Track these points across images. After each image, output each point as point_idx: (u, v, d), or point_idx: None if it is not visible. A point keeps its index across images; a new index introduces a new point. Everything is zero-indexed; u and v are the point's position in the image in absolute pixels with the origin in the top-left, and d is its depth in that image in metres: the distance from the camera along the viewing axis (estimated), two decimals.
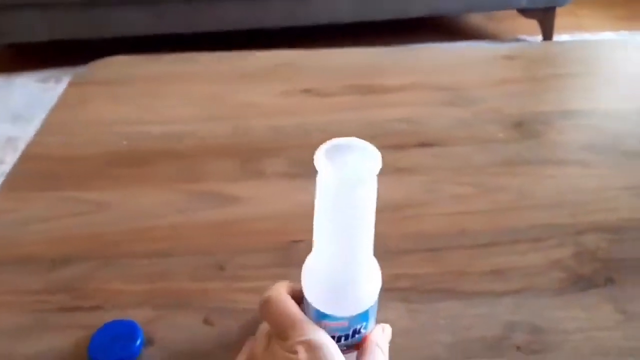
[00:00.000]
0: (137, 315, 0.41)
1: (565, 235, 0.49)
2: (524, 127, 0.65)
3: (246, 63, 0.82)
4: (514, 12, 2.06)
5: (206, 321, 0.42)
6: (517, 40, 2.08)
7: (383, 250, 0.36)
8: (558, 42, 0.83)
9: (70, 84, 0.74)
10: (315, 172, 0.29)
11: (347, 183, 0.28)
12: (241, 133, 0.64)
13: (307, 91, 0.73)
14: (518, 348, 0.40)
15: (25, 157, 0.60)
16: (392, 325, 0.38)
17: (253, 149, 0.61)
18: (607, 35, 2.12)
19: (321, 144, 0.29)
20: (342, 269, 0.33)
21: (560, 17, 2.12)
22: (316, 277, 0.34)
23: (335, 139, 0.30)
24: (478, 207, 0.53)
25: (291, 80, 0.75)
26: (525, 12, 1.97)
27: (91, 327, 0.40)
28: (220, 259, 0.47)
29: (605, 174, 0.58)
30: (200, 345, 0.40)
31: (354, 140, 0.30)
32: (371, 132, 0.64)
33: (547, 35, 2.00)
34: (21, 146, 1.39)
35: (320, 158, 0.29)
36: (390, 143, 0.62)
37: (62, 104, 0.69)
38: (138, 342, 0.39)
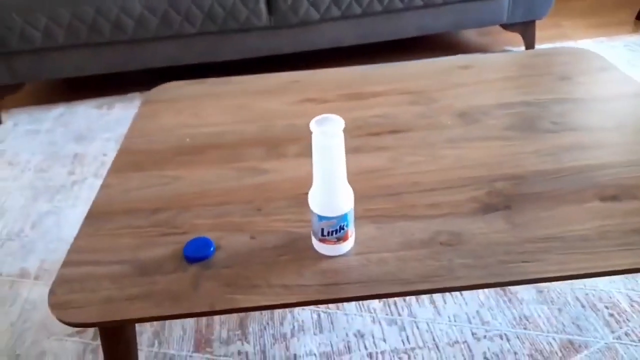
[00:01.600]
0: (210, 235, 0.68)
1: (483, 183, 0.75)
2: (467, 116, 0.91)
3: (267, 82, 1.10)
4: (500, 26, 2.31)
5: (251, 237, 0.68)
6: (504, 52, 2.33)
7: (361, 196, 0.62)
8: (508, 54, 1.03)
9: (143, 103, 1.03)
10: (312, 135, 0.55)
11: (326, 135, 0.55)
12: (266, 130, 0.92)
13: (311, 100, 1.00)
14: (441, 243, 0.65)
15: (121, 152, 0.88)
16: (365, 235, 0.64)
17: (275, 140, 0.89)
18: (585, 42, 2.35)
19: (315, 117, 0.56)
20: (329, 188, 0.59)
21: (545, 29, 2.37)
22: (316, 196, 0.60)
23: (320, 115, 0.57)
24: (426, 168, 0.79)
25: (300, 93, 1.03)
26: (507, 26, 2.23)
27: (182, 243, 0.67)
28: (258, 204, 0.74)
29: (519, 144, 0.83)
30: (248, 249, 0.66)
31: (330, 115, 0.57)
32: (357, 125, 0.91)
33: (530, 46, 2.25)
34: (87, 160, 1.70)
35: (312, 124, 0.55)
36: (370, 132, 0.89)
37: (139, 116, 0.98)
38: (212, 248, 0.66)
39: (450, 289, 0.58)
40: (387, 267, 0.62)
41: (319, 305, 1.01)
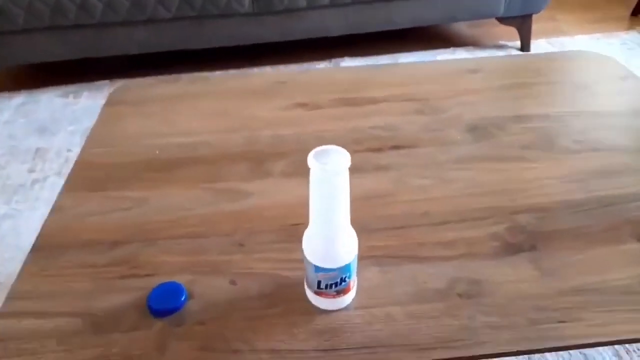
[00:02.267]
0: (180, 279, 0.56)
1: (502, 215, 0.64)
2: (478, 131, 0.80)
3: (250, 81, 0.97)
4: (494, 19, 2.21)
5: (232, 282, 0.57)
6: (498, 46, 2.23)
7: (361, 229, 0.51)
8: (518, 55, 0.95)
9: (106, 105, 0.89)
10: (309, 171, 0.44)
11: (329, 174, 0.43)
12: (250, 142, 0.79)
13: (302, 105, 0.88)
14: (459, 295, 0.55)
15: (77, 165, 0.75)
16: (368, 282, 0.53)
17: (261, 154, 0.76)
18: (581, 38, 2.27)
19: (315, 149, 0.44)
20: (329, 234, 0.48)
21: (541, 22, 2.27)
22: (313, 242, 0.49)
23: (320, 146, 0.45)
24: (435, 194, 0.68)
25: (289, 97, 0.90)
26: (503, 20, 2.13)
27: (146, 289, 0.55)
28: (240, 239, 0.62)
29: (540, 167, 0.73)
30: (227, 299, 0.55)
31: (332, 147, 0.45)
32: (355, 138, 0.79)
33: (525, 40, 2.16)
34: (49, 156, 1.54)
35: (310, 159, 0.44)
36: (370, 146, 0.77)
37: (100, 121, 0.84)
38: (183, 297, 0.54)
39: (474, 359, 0.49)
40: (396, 327, 0.51)
41: None
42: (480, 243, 0.60)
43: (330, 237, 0.48)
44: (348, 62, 2.00)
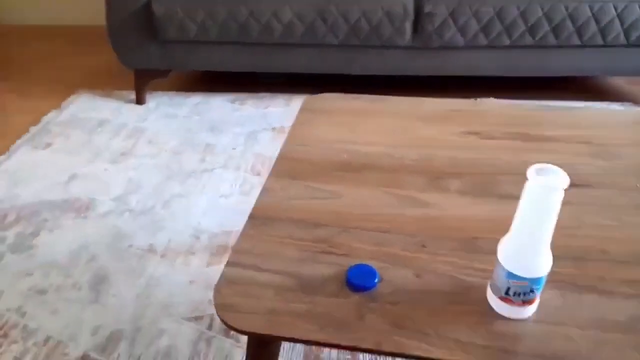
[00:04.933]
0: (372, 264, 0.65)
1: None
2: None
3: (422, 107, 1.06)
4: None
5: (416, 275, 0.64)
6: None
7: None
8: None
9: (301, 110, 1.03)
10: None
11: (547, 189, 0.49)
12: (427, 159, 0.87)
13: (475, 133, 0.94)
14: None
15: (281, 157, 0.88)
16: (548, 302, 0.57)
17: (437, 171, 0.84)
18: None
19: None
20: (531, 245, 0.53)
21: None
22: (512, 250, 0.54)
23: (539, 164, 0.51)
24: (614, 235, 0.69)
25: (462, 124, 0.97)
26: None
27: (342, 266, 0.64)
28: (422, 240, 0.69)
29: None
30: (413, 289, 0.62)
31: (552, 166, 0.51)
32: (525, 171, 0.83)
33: None
34: (216, 151, 1.78)
35: (531, 172, 0.50)
36: None
37: (298, 123, 0.98)
38: (376, 279, 0.63)
39: None
40: (574, 346, 0.54)
41: None
42: None
43: (532, 248, 0.53)
44: (494, 103, 2.02)
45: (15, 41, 2.86)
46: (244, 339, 0.99)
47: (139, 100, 2.09)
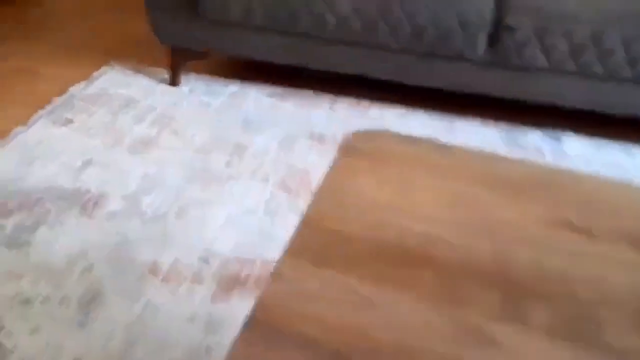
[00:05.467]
0: None
1: None
2: None
3: (499, 168, 0.82)
4: None
5: None
6: None
7: None
8: None
9: (341, 150, 0.81)
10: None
11: None
12: (501, 259, 0.64)
13: (571, 224, 0.69)
14: None
15: (307, 224, 0.67)
16: None
17: (514, 283, 0.61)
18: None
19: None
20: None
21: None
22: None
23: None
24: None
25: (552, 205, 0.73)
26: None
27: None
28: None
29: None
30: None
31: None
32: None
33: None
34: (246, 154, 1.58)
35: None
36: None
37: (335, 172, 0.76)
38: None
39: None
40: None
41: None
42: None
43: None
44: (572, 140, 1.73)
45: None
46: None
47: (173, 82, 1.91)
